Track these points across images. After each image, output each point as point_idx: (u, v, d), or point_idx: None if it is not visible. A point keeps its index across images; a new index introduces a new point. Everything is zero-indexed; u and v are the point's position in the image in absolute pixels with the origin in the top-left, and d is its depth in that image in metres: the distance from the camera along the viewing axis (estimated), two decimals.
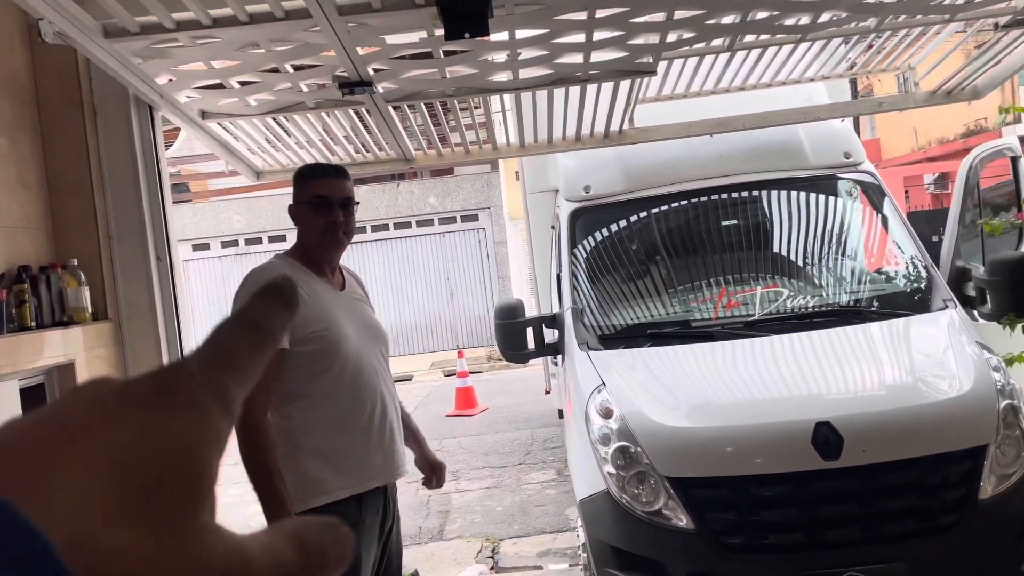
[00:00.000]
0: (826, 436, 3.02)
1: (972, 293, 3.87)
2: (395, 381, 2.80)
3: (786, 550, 3.01)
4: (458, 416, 10.13)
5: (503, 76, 3.33)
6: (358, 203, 2.49)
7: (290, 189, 2.50)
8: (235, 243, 17.82)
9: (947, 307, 3.70)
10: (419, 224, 18.22)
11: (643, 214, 4.49)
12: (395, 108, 3.64)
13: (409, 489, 6.82)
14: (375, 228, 18.11)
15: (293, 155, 4.30)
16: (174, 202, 3.63)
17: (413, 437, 2.70)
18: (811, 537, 2.99)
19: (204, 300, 17.42)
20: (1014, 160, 4.34)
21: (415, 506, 6.28)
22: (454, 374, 11.29)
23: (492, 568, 4.94)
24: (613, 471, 3.24)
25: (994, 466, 3.01)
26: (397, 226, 18.16)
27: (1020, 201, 4.28)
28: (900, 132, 22.30)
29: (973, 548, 2.95)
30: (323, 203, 2.37)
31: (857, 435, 3.01)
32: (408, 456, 2.56)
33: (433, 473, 2.77)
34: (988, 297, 3.71)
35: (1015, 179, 4.33)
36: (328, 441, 2.29)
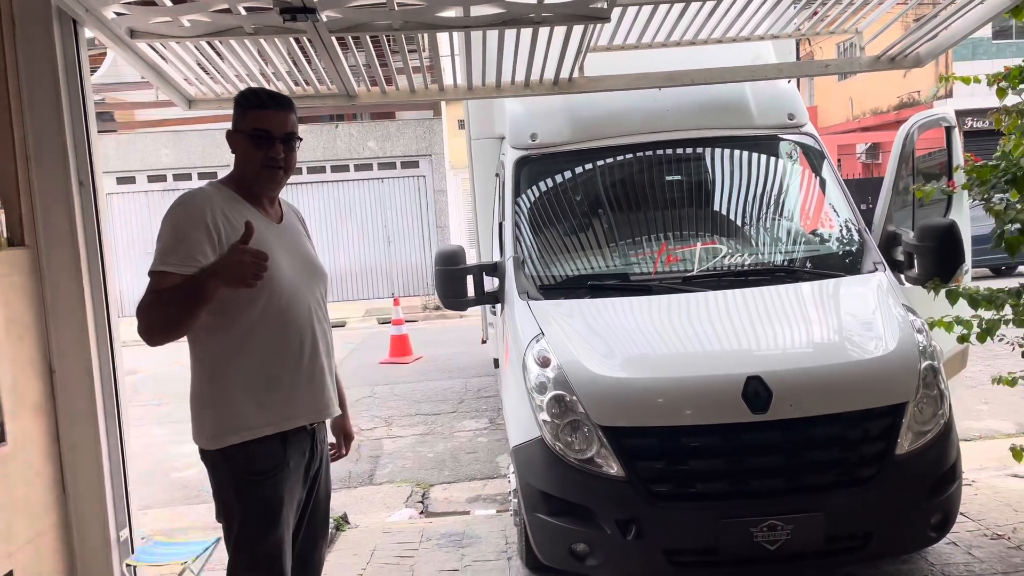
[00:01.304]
0: (756, 390, 3.09)
1: (901, 258, 3.99)
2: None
3: (711, 498, 3.09)
4: (392, 364, 10.08)
5: (453, 12, 3.22)
6: (301, 139, 2.39)
7: (224, 125, 2.37)
8: (163, 178, 17.13)
9: (876, 270, 3.81)
10: (357, 168, 17.84)
11: (588, 166, 4.47)
12: (339, 41, 3.49)
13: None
14: (311, 170, 17.64)
15: (230, 86, 4.10)
16: (98, 132, 3.42)
17: (337, 395, 2.60)
18: (736, 486, 3.08)
19: (128, 237, 16.79)
20: (948, 130, 4.45)
21: None
22: (389, 322, 11.20)
23: (421, 512, 4.97)
24: (548, 419, 3.26)
25: (912, 423, 3.13)
26: (334, 169, 17.74)
27: (951, 170, 4.41)
28: (837, 101, 22.81)
29: (888, 501, 3.08)
30: (264, 137, 2.26)
31: (785, 390, 3.09)
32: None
33: (344, 441, 2.69)
34: (915, 262, 3.83)
35: (948, 149, 4.45)
36: (253, 375, 2.21)
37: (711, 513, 3.06)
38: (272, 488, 2.23)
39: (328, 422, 2.51)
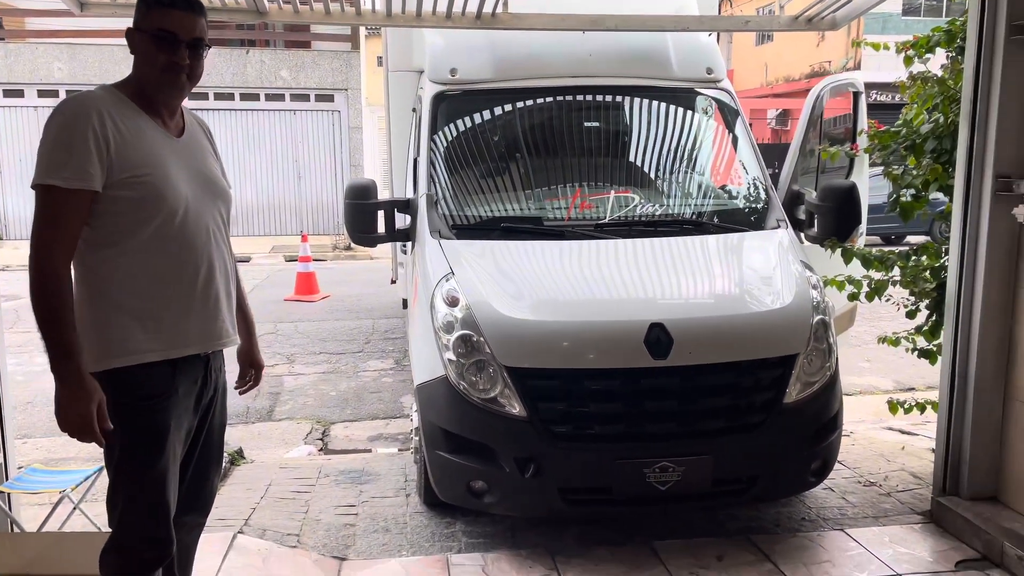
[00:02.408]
0: (658, 337, 3.16)
1: (803, 216, 4.13)
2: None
3: (608, 440, 3.16)
4: (297, 301, 9.85)
5: None
6: (209, 46, 2.21)
7: (122, 40, 2.17)
8: (54, 93, 15.93)
9: (779, 227, 3.92)
10: (268, 98, 17.08)
11: (508, 106, 4.39)
12: None
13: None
14: (219, 96, 16.79)
15: None
16: None
17: (244, 324, 2.47)
18: (632, 429, 3.16)
19: (13, 154, 15.66)
20: (856, 96, 4.60)
21: None
22: (296, 259, 10.90)
23: (321, 450, 4.92)
24: (453, 358, 3.25)
25: (800, 374, 3.28)
26: (244, 97, 16.94)
27: (855, 135, 4.57)
28: (753, 66, 23.29)
29: (773, 447, 3.23)
30: (168, 39, 2.08)
31: (686, 337, 3.17)
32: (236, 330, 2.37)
33: (252, 370, 2.60)
34: (816, 221, 3.97)
35: (854, 114, 4.60)
36: (142, 298, 2.08)
37: (607, 454, 3.13)
38: (158, 415, 2.12)
39: (233, 351, 2.41)
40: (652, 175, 4.35)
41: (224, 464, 4.21)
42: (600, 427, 3.18)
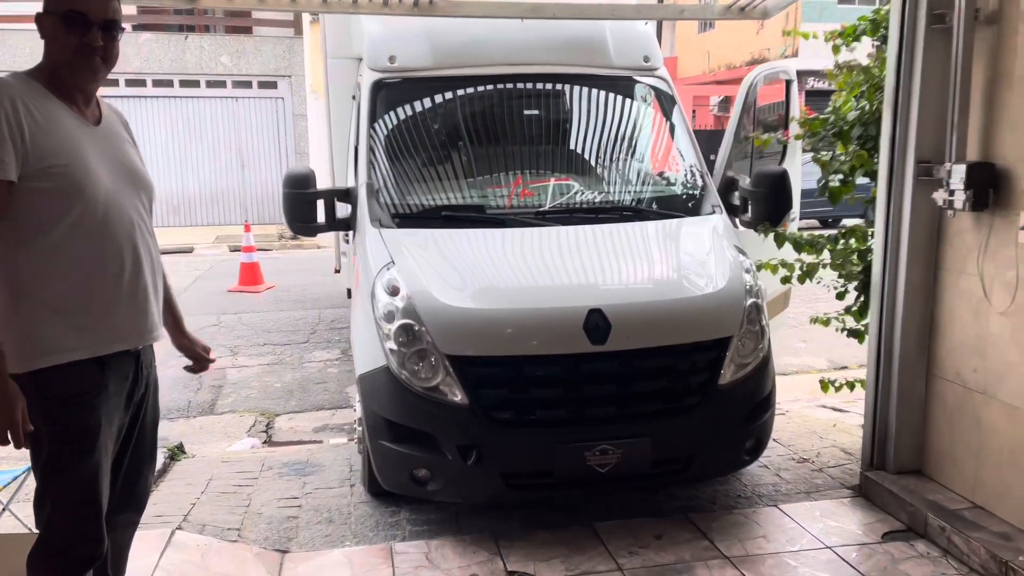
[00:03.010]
0: (596, 322, 3.21)
1: (737, 202, 4.22)
2: (175, 252, 2.55)
3: (549, 425, 3.21)
4: (241, 292, 9.69)
5: None
6: (124, 28, 2.16)
7: None
8: None
9: (714, 212, 4.01)
10: (209, 85, 16.69)
11: (448, 94, 4.39)
12: None
13: (180, 363, 6.46)
14: (157, 83, 16.35)
15: None
16: None
17: (171, 316, 2.44)
18: (572, 413, 3.21)
19: None
20: (788, 83, 4.71)
21: (185, 379, 5.98)
22: (240, 249, 10.71)
23: (265, 442, 4.87)
24: (395, 347, 3.25)
25: (735, 356, 3.37)
26: (184, 84, 16.52)
27: (788, 121, 4.68)
28: (695, 54, 23.57)
29: (709, 427, 3.32)
30: (79, 20, 2.02)
31: (624, 322, 3.22)
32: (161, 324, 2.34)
33: (199, 352, 2.56)
34: (750, 206, 4.06)
35: (786, 101, 4.71)
36: (65, 295, 2.03)
37: (548, 439, 3.18)
38: (88, 413, 2.08)
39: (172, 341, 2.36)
40: (592, 162, 4.40)
41: (163, 460, 4.17)
42: (541, 412, 3.22)
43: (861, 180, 3.99)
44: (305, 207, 4.03)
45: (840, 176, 4.00)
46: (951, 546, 3.15)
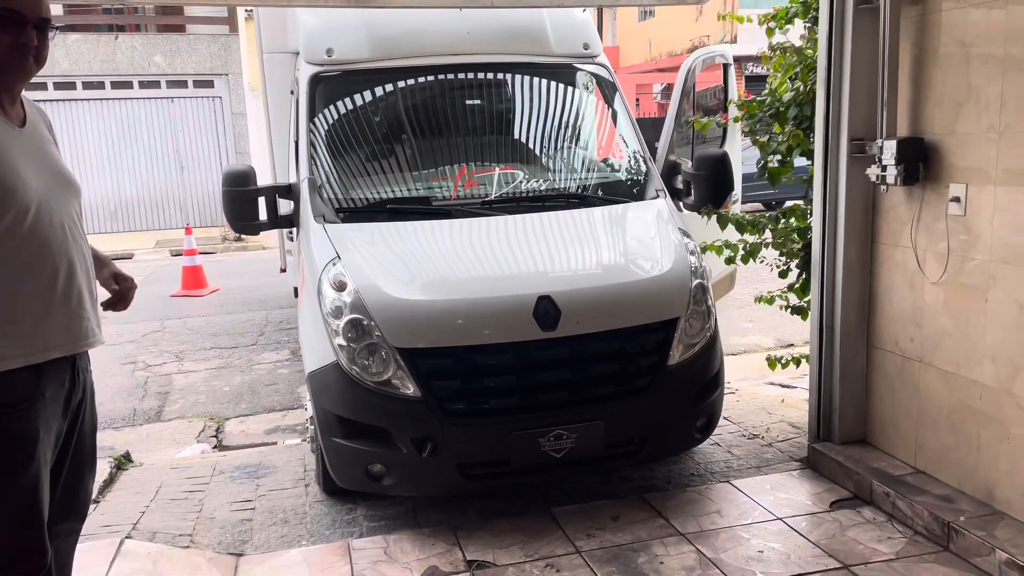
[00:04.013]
0: (546, 309, 3.22)
1: (680, 186, 4.28)
2: (114, 259, 2.47)
3: (502, 413, 3.21)
4: (184, 296, 9.47)
5: None
6: (56, 28, 2.09)
7: None
8: None
9: (658, 197, 4.05)
10: (143, 86, 16.21)
11: (389, 86, 4.35)
12: None
13: (124, 371, 6.31)
14: (88, 85, 15.82)
15: None
16: None
17: (97, 258, 2.32)
18: (525, 401, 3.22)
19: None
20: (725, 67, 4.79)
21: (130, 388, 5.84)
22: (182, 253, 10.46)
23: (215, 447, 4.77)
24: (344, 343, 3.22)
25: (682, 336, 3.42)
26: (115, 85, 16.02)
27: (727, 105, 4.76)
28: (637, 43, 23.78)
29: (660, 407, 3.36)
30: (14, 19, 1.94)
31: (573, 308, 3.24)
32: (104, 324, 2.27)
33: (119, 286, 2.36)
34: (692, 189, 4.12)
35: (724, 85, 4.79)
36: None
37: (502, 427, 3.18)
38: (24, 422, 2.02)
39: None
40: (536, 151, 4.41)
41: (109, 469, 4.05)
42: (494, 401, 3.23)
43: (801, 162, 4.07)
44: (246, 205, 3.96)
45: (778, 157, 4.08)
46: (896, 511, 3.25)
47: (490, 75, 4.46)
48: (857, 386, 3.69)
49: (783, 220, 4.20)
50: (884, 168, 3.25)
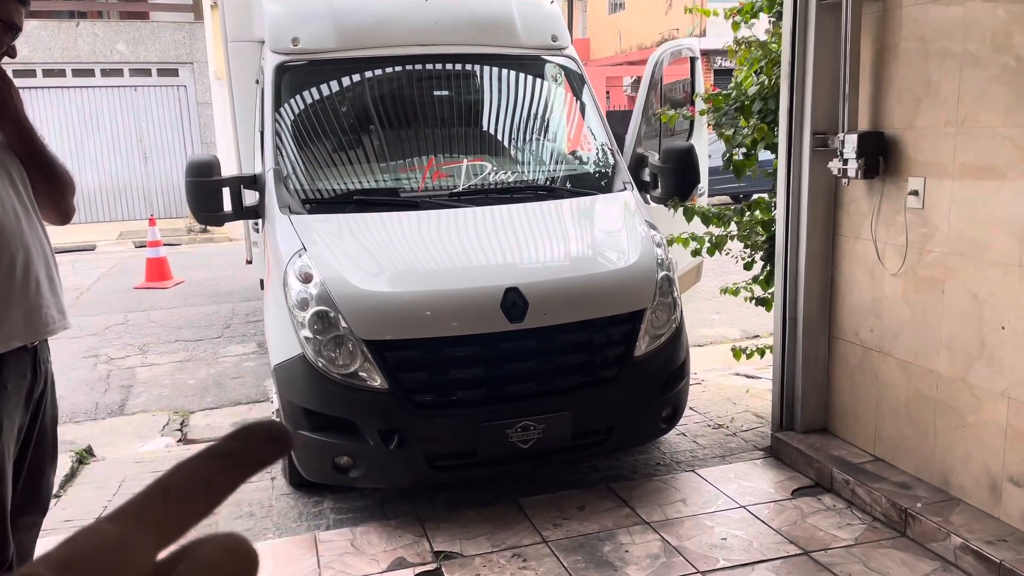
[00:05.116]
0: (514, 300, 3.23)
1: (647, 178, 4.30)
2: (75, 251, 2.43)
3: (470, 405, 3.22)
4: (148, 288, 9.32)
5: None
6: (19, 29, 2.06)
7: None
8: None
9: (625, 189, 4.08)
10: (105, 74, 15.88)
11: (356, 76, 4.31)
12: None
13: (86, 364, 6.20)
14: (48, 73, 15.46)
15: None
16: None
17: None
18: (492, 392, 3.23)
19: None
20: (692, 61, 4.82)
21: (92, 381, 5.74)
22: (145, 245, 10.28)
23: (180, 440, 4.72)
24: (310, 335, 3.20)
25: (649, 328, 3.45)
26: (77, 73, 15.67)
27: (693, 98, 4.80)
28: (607, 35, 23.83)
29: (627, 398, 3.39)
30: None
31: (540, 300, 3.26)
32: (66, 312, 2.23)
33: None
34: (659, 182, 4.15)
35: (691, 78, 4.82)
36: None
37: (469, 418, 3.19)
38: None
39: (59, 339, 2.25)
40: (504, 143, 4.40)
41: (71, 464, 3.99)
42: (461, 393, 3.23)
43: (766, 156, 4.12)
44: (210, 195, 3.91)
45: (743, 150, 4.13)
46: (855, 498, 3.33)
47: (458, 66, 4.44)
48: (819, 376, 3.76)
49: (748, 213, 4.26)
50: (845, 162, 3.31)
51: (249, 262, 6.67)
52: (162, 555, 0.33)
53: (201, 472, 0.36)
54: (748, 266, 4.38)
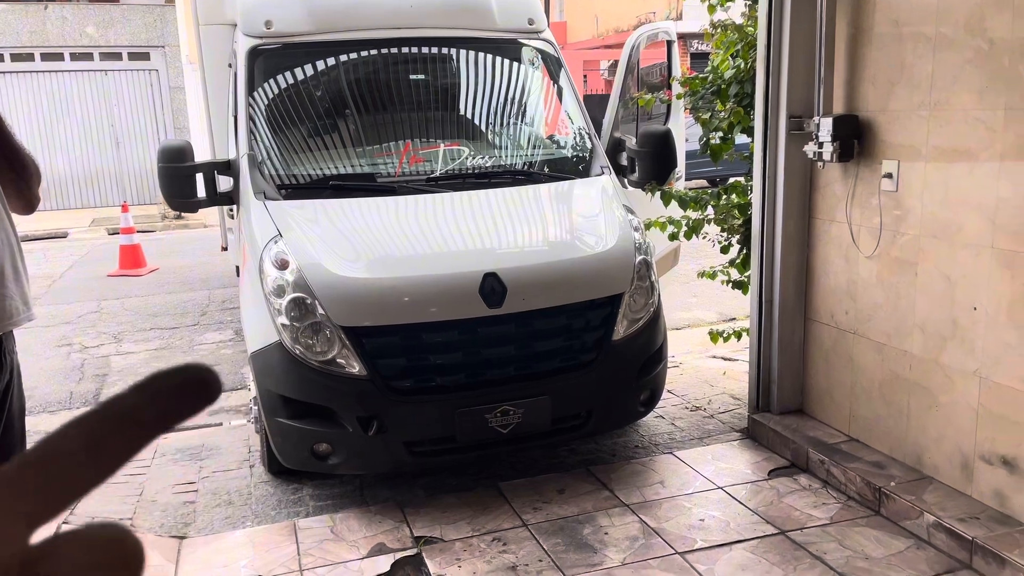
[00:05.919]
0: (492, 286, 3.22)
1: (625, 162, 4.30)
2: (47, 238, 2.39)
3: (449, 390, 3.22)
4: (122, 276, 9.19)
5: None
6: None
7: None
8: None
9: (603, 173, 4.07)
10: (74, 58, 15.59)
11: (331, 60, 4.26)
12: None
13: (59, 353, 6.12)
14: (16, 57, 15.14)
15: None
16: None
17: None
18: (471, 378, 3.23)
19: None
20: (669, 44, 4.81)
21: (66, 371, 5.67)
22: (119, 232, 10.14)
23: None
24: (287, 322, 3.17)
25: (627, 312, 3.46)
26: (45, 57, 15.37)
27: (670, 81, 4.80)
28: (584, 19, 23.73)
29: (605, 382, 3.41)
30: None
31: (518, 285, 3.25)
32: (36, 305, 2.20)
33: None
34: (636, 166, 4.15)
35: (668, 61, 4.82)
36: None
37: (449, 404, 3.19)
38: None
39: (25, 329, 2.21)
40: (481, 127, 4.38)
41: None
42: (440, 379, 3.23)
43: (743, 139, 4.13)
44: (183, 182, 3.85)
45: (720, 133, 4.14)
46: (830, 477, 3.37)
47: (434, 50, 4.40)
48: (795, 358, 3.80)
49: (724, 197, 4.27)
50: (821, 145, 3.32)
51: (224, 249, 6.61)
52: (36, 537, 0.28)
53: (93, 434, 0.30)
54: (725, 249, 4.40)
